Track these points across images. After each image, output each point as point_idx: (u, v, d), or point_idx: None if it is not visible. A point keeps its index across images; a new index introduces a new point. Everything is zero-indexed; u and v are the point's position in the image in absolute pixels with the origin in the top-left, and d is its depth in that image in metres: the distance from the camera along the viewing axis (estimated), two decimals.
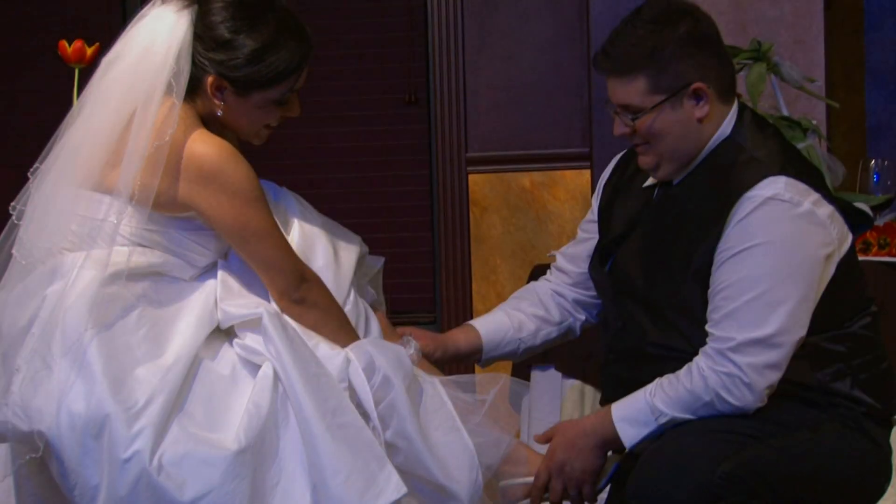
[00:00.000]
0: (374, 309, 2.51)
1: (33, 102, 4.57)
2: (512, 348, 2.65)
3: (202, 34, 2.31)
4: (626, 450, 2.39)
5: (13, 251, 2.32)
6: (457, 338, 2.63)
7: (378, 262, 2.60)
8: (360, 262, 2.51)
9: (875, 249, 3.35)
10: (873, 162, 3.57)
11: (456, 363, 2.76)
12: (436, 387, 2.34)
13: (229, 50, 2.31)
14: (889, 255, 3.34)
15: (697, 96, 2.40)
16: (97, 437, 2.17)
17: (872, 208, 3.42)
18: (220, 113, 2.34)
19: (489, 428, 2.35)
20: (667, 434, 2.33)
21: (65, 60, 2.91)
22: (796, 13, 4.07)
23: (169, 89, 2.28)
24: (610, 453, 2.44)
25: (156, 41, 2.31)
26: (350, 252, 2.46)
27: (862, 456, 2.40)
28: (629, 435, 2.36)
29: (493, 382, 2.42)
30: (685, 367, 2.35)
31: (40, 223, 2.30)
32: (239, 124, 2.38)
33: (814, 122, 3.52)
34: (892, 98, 4.70)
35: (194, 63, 2.31)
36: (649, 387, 2.36)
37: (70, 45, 2.90)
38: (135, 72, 2.30)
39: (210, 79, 2.32)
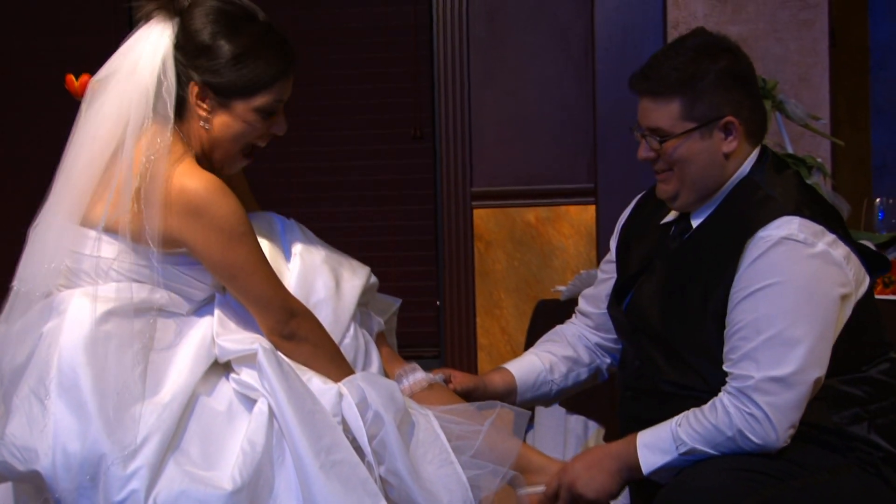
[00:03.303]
0: (381, 340, 2.50)
1: (40, 136, 4.59)
2: (545, 390, 2.68)
3: (184, 44, 2.30)
4: (644, 476, 2.38)
5: (13, 283, 2.32)
6: (493, 379, 2.64)
7: (395, 303, 2.60)
8: (368, 293, 2.50)
9: (880, 288, 3.34)
10: (878, 200, 3.57)
11: None
12: (429, 420, 2.34)
13: (210, 54, 2.30)
14: (894, 293, 3.33)
15: (727, 130, 2.42)
16: (93, 477, 2.16)
17: (877, 246, 3.41)
18: (203, 125, 2.32)
19: (486, 458, 2.34)
20: (687, 470, 2.34)
21: (72, 94, 2.92)
22: (802, 51, 4.08)
23: (158, 110, 2.27)
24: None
25: (140, 60, 2.30)
26: (354, 284, 2.45)
27: (880, 502, 2.39)
28: (648, 461, 2.36)
29: (491, 410, 2.41)
30: (710, 402, 2.35)
31: (37, 259, 2.30)
32: (223, 139, 2.34)
33: (819, 159, 3.52)
34: None
35: (178, 76, 2.30)
36: (677, 417, 2.37)
37: (77, 78, 2.91)
38: (122, 94, 2.29)
39: (194, 87, 2.31)
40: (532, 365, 2.67)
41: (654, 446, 2.36)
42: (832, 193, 3.48)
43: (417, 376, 2.48)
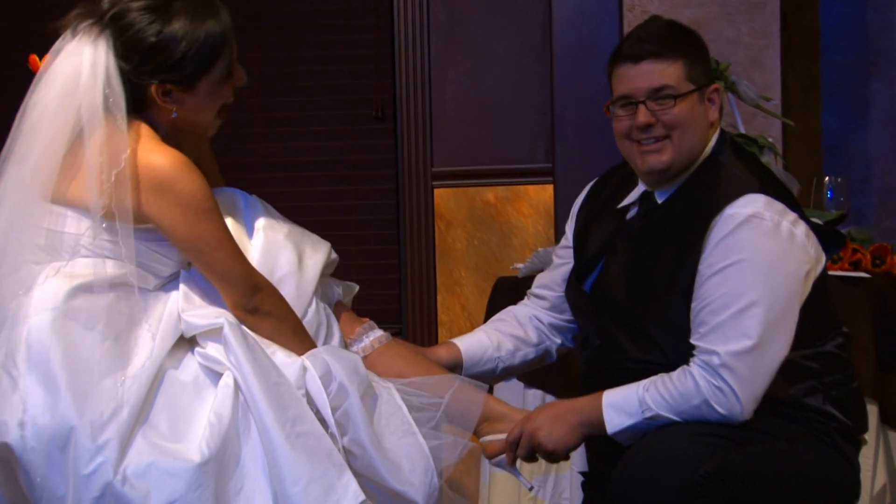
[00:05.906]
0: (340, 306, 2.54)
1: (4, 118, 4.58)
2: (491, 366, 2.70)
3: (127, 52, 2.30)
4: (607, 435, 2.43)
5: None
6: (438, 352, 2.67)
7: (353, 288, 2.62)
8: (328, 268, 2.53)
9: (828, 264, 3.42)
10: (827, 179, 3.65)
11: None
12: (391, 392, 2.37)
13: (158, 52, 2.30)
14: (841, 269, 3.41)
15: (712, 100, 2.48)
16: (63, 450, 2.18)
17: (826, 223, 3.49)
18: (175, 115, 2.34)
19: (446, 429, 2.38)
20: (651, 434, 2.38)
21: (36, 74, 2.92)
22: (753, 34, 4.14)
23: (107, 113, 2.27)
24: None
25: (79, 77, 2.28)
26: (316, 260, 2.47)
27: (835, 470, 2.46)
28: (614, 422, 2.41)
29: (449, 384, 2.45)
30: (679, 370, 2.40)
31: (4, 240, 2.30)
32: (197, 118, 2.37)
33: (770, 139, 3.59)
34: (847, 118, 4.79)
35: (129, 82, 2.30)
36: (645, 381, 2.41)
37: (41, 59, 2.91)
38: (61, 109, 2.28)
39: (153, 88, 2.32)
40: (479, 341, 2.69)
41: (620, 408, 2.40)
42: (783, 172, 3.55)
43: (377, 333, 2.53)
